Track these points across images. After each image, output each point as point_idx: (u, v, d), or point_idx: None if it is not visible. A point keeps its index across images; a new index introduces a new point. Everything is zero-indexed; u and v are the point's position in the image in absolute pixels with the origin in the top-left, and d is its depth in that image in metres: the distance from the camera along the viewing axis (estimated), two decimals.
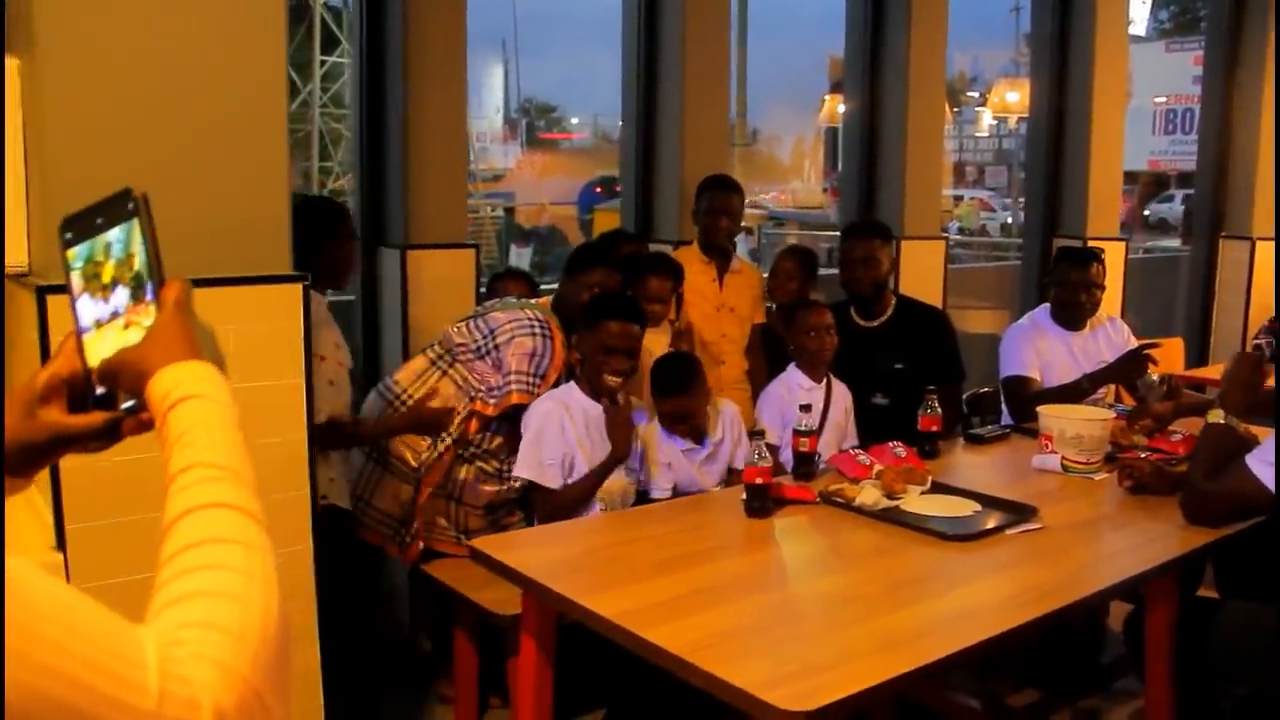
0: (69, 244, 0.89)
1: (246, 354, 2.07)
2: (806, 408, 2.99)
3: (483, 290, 3.90)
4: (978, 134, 23.87)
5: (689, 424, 3.01)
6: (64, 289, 0.89)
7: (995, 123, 20.98)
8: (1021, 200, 23.03)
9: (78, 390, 0.89)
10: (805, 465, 2.89)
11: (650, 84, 4.41)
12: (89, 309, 0.89)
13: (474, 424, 3.05)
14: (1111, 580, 2.21)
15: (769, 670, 1.68)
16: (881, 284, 3.79)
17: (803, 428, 2.91)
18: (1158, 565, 2.30)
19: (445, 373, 3.09)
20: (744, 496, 2.59)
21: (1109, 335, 3.92)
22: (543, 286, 3.85)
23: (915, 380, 3.36)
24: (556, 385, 3.08)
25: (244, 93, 2.18)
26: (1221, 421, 2.57)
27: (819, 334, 3.34)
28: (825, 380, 3.39)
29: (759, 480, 2.54)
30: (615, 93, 4.54)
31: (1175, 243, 16.36)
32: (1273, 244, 6.23)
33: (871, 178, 5.15)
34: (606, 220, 13.46)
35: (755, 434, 2.66)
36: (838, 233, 4.40)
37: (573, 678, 2.43)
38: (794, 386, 3.37)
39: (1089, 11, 5.61)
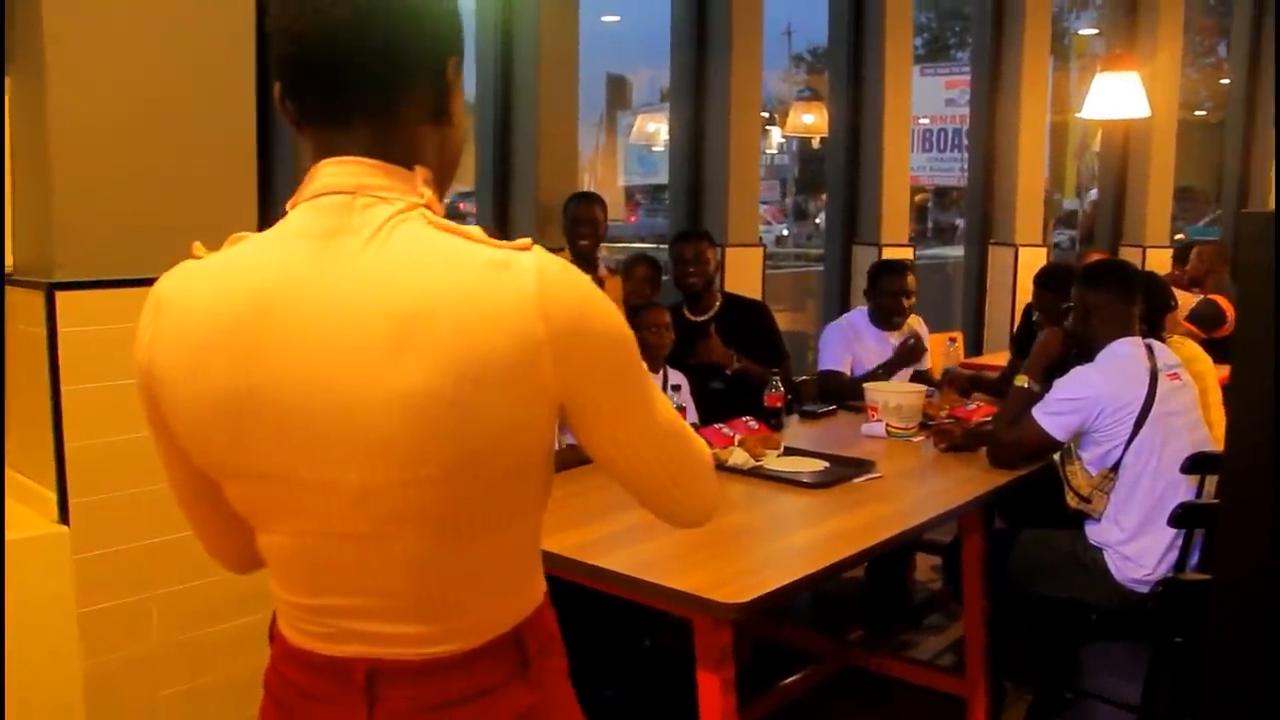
0: None
1: None
2: (676, 387, 3.47)
3: None
4: (766, 150, 25.23)
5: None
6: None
7: (784, 140, 22.23)
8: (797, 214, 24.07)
9: None
10: None
11: (506, 104, 4.76)
12: None
13: None
14: (939, 510, 2.76)
15: (706, 579, 2.12)
16: (709, 280, 4.33)
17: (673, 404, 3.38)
18: (971, 499, 2.88)
19: None
20: None
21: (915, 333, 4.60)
22: None
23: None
24: None
25: (215, 111, 2.46)
26: (1024, 385, 3.20)
27: (658, 330, 3.84)
28: (662, 371, 3.87)
29: None
30: None
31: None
32: (1034, 249, 7.20)
33: (698, 190, 5.65)
34: None
35: None
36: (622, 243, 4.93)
37: None
38: None
39: (878, 42, 6.24)
